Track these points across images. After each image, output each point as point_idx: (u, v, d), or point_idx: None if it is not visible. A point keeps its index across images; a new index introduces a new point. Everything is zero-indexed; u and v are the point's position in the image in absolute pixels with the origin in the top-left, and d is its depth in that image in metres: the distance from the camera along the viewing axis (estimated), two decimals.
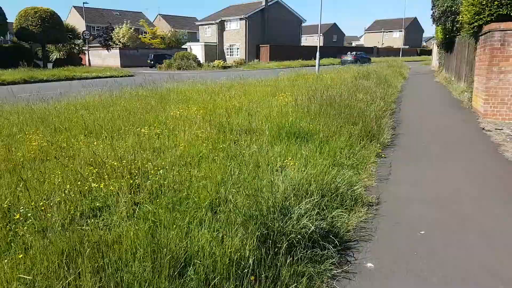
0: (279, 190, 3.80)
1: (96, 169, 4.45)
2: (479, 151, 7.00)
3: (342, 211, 3.91)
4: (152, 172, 4.52)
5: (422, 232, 3.84)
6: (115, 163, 4.55)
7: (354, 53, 51.35)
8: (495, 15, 10.41)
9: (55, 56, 36.14)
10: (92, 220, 3.44)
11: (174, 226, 3.09)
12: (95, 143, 5.98)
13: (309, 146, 5.91)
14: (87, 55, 39.29)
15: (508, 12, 10.10)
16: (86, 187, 4.14)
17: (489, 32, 10.12)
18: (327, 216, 3.63)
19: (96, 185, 4.13)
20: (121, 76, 28.66)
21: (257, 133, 6.92)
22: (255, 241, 2.71)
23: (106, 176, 4.35)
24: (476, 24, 11.29)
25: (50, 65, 36.48)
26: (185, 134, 6.51)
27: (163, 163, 5.01)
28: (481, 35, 11.31)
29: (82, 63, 39.40)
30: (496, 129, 8.79)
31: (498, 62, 9.92)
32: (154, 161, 5.04)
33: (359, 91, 10.84)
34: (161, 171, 4.55)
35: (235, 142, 6.28)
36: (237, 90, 13.40)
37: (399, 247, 3.56)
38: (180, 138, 6.30)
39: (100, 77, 26.93)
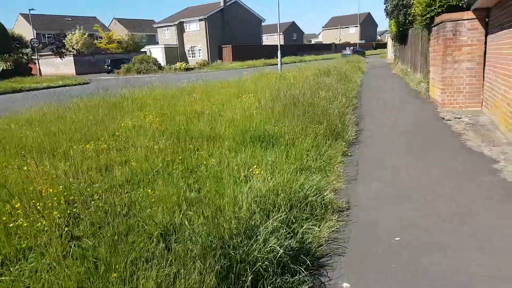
0: (243, 207, 3.54)
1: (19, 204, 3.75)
2: (443, 141, 7.01)
3: (312, 223, 3.70)
4: (95, 197, 4.11)
5: (397, 238, 3.68)
6: (50, 190, 4.06)
7: (352, 48, 57.54)
8: (445, 6, 10.59)
9: (1, 68, 34.27)
10: (17, 266, 2.94)
11: (117, 266, 2.68)
12: (30, 164, 5.18)
13: (275, 151, 5.69)
14: (37, 64, 37.51)
15: (457, 3, 10.30)
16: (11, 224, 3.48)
17: (441, 23, 10.27)
18: (297, 232, 3.40)
19: (15, 224, 3.45)
20: (75, 85, 27.64)
21: (220, 139, 6.64)
22: (213, 279, 2.39)
23: (33, 208, 3.75)
24: (428, 15, 11.48)
25: None
26: (137, 147, 6.11)
27: (110, 184, 4.63)
28: (434, 26, 11.50)
29: (32, 73, 37.60)
30: (455, 118, 8.91)
31: (452, 52, 10.08)
32: (99, 183, 4.64)
33: (321, 89, 10.76)
34: (105, 195, 4.15)
35: (195, 152, 5.97)
36: (199, 93, 13.06)
37: (375, 258, 3.35)
38: (131, 152, 5.89)
39: (51, 87, 25.73)
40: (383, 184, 5.12)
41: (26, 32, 58.35)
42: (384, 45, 68.72)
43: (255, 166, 4.89)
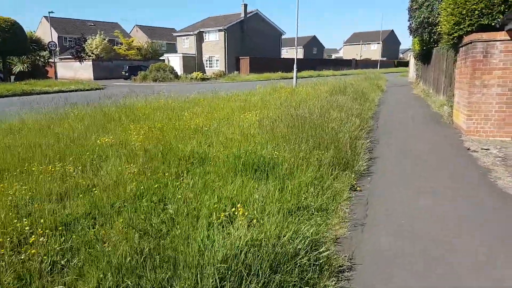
0: (208, 271, 2.69)
1: None
2: (468, 179, 6.03)
3: None
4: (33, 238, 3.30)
5: None
6: None
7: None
8: (475, 25, 9.63)
9: (18, 69, 34.30)
10: None
11: None
12: None
13: (270, 183, 4.83)
14: (53, 68, 37.54)
15: (490, 22, 9.32)
16: None
17: (470, 43, 9.33)
18: None
19: None
20: (87, 90, 27.28)
21: (211, 163, 5.82)
22: None
23: None
24: (455, 34, 10.52)
25: (13, 79, 34.72)
26: (109, 171, 5.30)
27: (62, 219, 3.83)
28: (462, 46, 10.55)
29: (48, 76, 37.62)
30: (482, 149, 7.91)
31: (481, 75, 9.11)
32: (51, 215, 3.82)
33: (333, 108, 9.87)
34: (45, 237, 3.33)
35: (178, 177, 5.16)
36: (205, 105, 12.33)
37: None
38: (98, 178, 5.07)
39: (62, 91, 25.41)
40: (396, 234, 4.19)
41: (49, 35, 59.16)
42: (406, 64, 67.41)
43: (239, 204, 4.03)
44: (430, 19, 16.61)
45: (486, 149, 7.83)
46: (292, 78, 24.38)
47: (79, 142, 6.88)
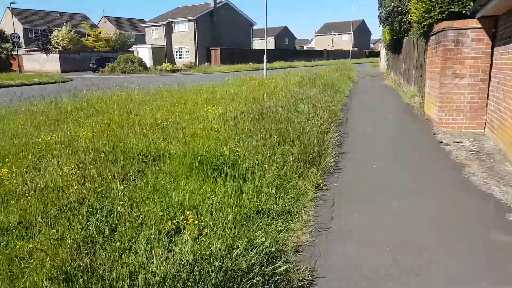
0: None
1: None
2: (441, 176, 5.73)
3: None
4: None
5: None
6: None
7: None
8: (446, 13, 9.38)
9: None
10: None
11: None
12: None
13: (228, 184, 4.36)
14: (17, 60, 35.79)
15: (460, 10, 9.08)
16: None
17: (441, 31, 9.07)
18: None
19: None
20: (52, 83, 26.02)
21: (168, 161, 5.30)
22: None
23: None
24: (426, 23, 10.27)
25: None
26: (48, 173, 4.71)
27: None
28: (432, 35, 10.31)
29: (12, 69, 35.86)
30: (454, 142, 7.66)
31: (452, 64, 8.88)
32: None
33: (301, 101, 9.46)
34: None
35: (129, 178, 4.62)
36: (169, 99, 11.72)
37: None
38: (35, 181, 4.48)
39: (25, 85, 24.17)
40: (363, 240, 3.80)
41: (15, 27, 56.60)
42: (377, 54, 67.95)
43: (190, 211, 3.55)
44: (400, 8, 16.40)
45: (459, 142, 7.59)
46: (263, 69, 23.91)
47: (21, 141, 6.19)
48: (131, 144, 5.94)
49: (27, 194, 4.03)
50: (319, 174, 5.49)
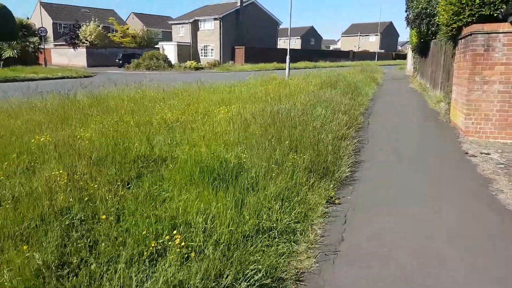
0: None
1: None
2: (465, 191, 5.25)
3: None
4: None
5: None
6: None
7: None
8: (476, 15, 8.80)
9: (7, 55, 33.25)
10: None
11: None
12: None
13: (227, 196, 4.03)
14: (43, 54, 36.44)
15: (492, 13, 8.49)
16: None
17: (470, 35, 8.50)
18: None
19: None
20: (75, 77, 26.28)
21: (170, 166, 5.02)
22: None
23: None
24: (454, 25, 9.69)
25: (1, 64, 33.57)
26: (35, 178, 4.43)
27: None
28: (461, 38, 9.72)
29: (38, 63, 36.54)
30: (481, 153, 7.12)
31: (481, 70, 8.31)
32: None
33: (319, 104, 9.05)
34: None
35: (121, 184, 4.35)
36: (186, 97, 11.50)
37: None
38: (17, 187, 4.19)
39: (48, 79, 24.48)
40: (376, 266, 3.41)
41: (44, 21, 57.83)
42: (404, 56, 66.45)
43: (176, 232, 3.23)
44: (428, 10, 15.74)
45: (486, 154, 7.05)
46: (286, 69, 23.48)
47: (17, 141, 6.00)
48: (133, 146, 5.68)
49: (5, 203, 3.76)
50: (332, 185, 5.10)
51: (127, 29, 56.58)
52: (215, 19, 48.95)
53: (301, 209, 4.23)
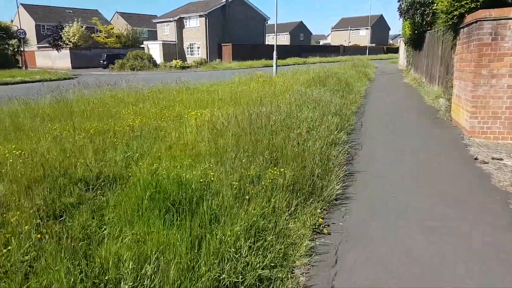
0: None
1: None
2: (483, 214, 4.29)
3: None
4: None
5: None
6: None
7: None
8: (481, 0, 7.90)
9: None
10: None
11: None
12: None
13: (183, 233, 3.03)
14: (23, 56, 35.04)
15: None
16: None
17: (475, 22, 7.56)
18: None
19: None
20: (54, 80, 25.04)
21: (119, 190, 4.00)
22: None
23: None
24: (456, 13, 8.77)
25: None
26: None
27: None
28: (463, 27, 8.79)
29: (18, 65, 35.18)
30: (493, 158, 6.18)
31: (489, 62, 7.38)
32: None
33: (307, 105, 8.06)
34: None
35: (53, 215, 3.32)
36: (161, 99, 10.47)
37: None
38: None
39: (25, 82, 23.26)
40: None
41: (27, 23, 56.35)
42: (395, 50, 65.69)
43: None
44: None
45: (498, 159, 6.10)
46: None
47: None
48: (83, 162, 4.65)
49: None
50: (320, 207, 4.12)
51: (112, 29, 55.23)
52: (200, 16, 47.68)
53: (280, 246, 3.24)
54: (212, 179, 4.05)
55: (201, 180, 3.95)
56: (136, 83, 14.42)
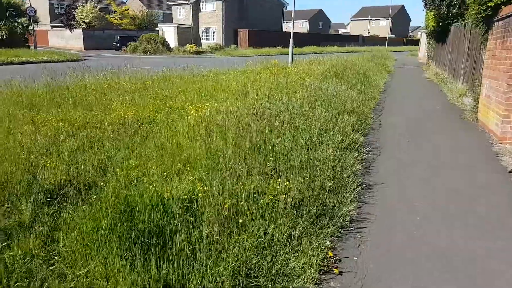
0: None
1: None
2: None
3: None
4: None
5: None
6: None
7: None
8: None
9: None
10: None
11: None
12: None
13: (145, 279, 2.34)
14: (33, 36, 34.47)
15: None
16: None
17: None
18: None
19: None
20: (62, 61, 24.50)
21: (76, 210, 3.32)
22: None
23: None
24: (491, 3, 7.83)
25: None
26: None
27: None
28: (498, 20, 7.86)
29: (28, 45, 34.65)
30: None
31: None
32: None
33: (321, 100, 7.27)
34: None
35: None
36: (163, 88, 9.78)
37: None
38: None
39: (30, 62, 22.67)
40: None
41: (40, 1, 55.74)
42: (416, 42, 63.74)
43: None
44: None
45: None
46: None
47: None
48: (46, 166, 3.98)
49: None
50: (330, 234, 3.39)
51: (126, 10, 54.42)
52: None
53: None
54: (201, 194, 3.34)
55: (185, 197, 3.24)
56: (141, 68, 13.73)
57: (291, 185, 3.70)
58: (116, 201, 3.03)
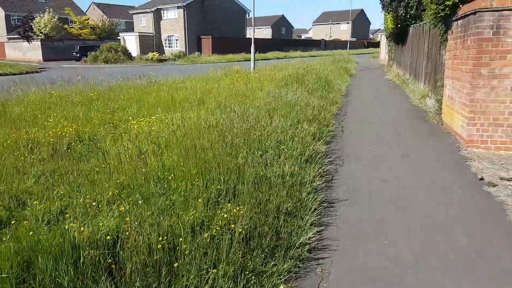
0: None
1: None
2: (501, 262, 3.15)
3: None
4: None
5: None
6: None
7: None
8: None
9: None
10: None
11: None
12: None
13: None
14: None
15: None
16: None
17: (473, 14, 6.45)
18: None
19: None
20: (14, 74, 23.22)
21: None
22: None
23: None
24: (448, 2, 7.65)
25: None
26: None
27: None
28: (457, 19, 7.68)
29: None
30: (501, 178, 5.07)
31: (490, 60, 6.29)
32: None
33: (279, 109, 6.82)
34: None
35: None
36: (112, 100, 9.11)
37: None
38: None
39: None
40: None
41: None
42: (376, 44, 64.97)
43: None
44: None
45: (508, 180, 4.99)
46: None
47: None
48: None
49: None
50: (286, 270, 2.89)
51: (86, 20, 52.81)
52: (178, 7, 45.85)
53: None
54: (127, 233, 2.78)
55: (108, 237, 2.67)
56: (95, 78, 12.93)
57: (241, 212, 3.20)
58: (17, 250, 2.43)
